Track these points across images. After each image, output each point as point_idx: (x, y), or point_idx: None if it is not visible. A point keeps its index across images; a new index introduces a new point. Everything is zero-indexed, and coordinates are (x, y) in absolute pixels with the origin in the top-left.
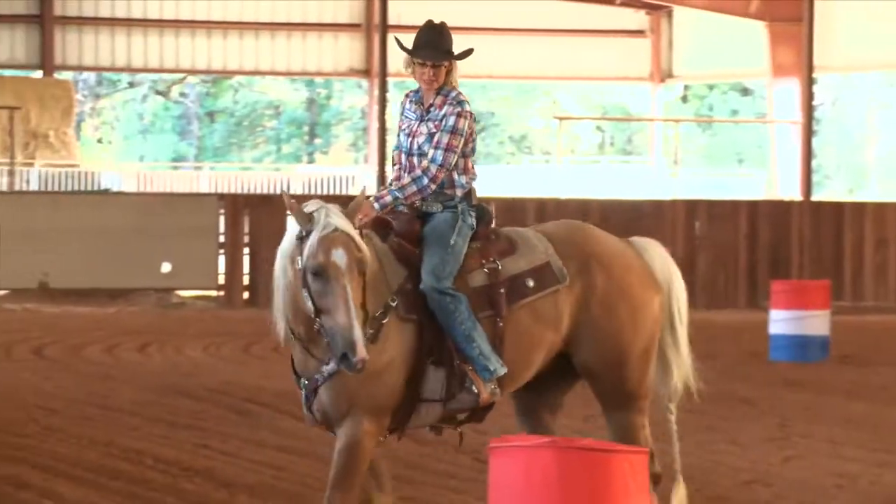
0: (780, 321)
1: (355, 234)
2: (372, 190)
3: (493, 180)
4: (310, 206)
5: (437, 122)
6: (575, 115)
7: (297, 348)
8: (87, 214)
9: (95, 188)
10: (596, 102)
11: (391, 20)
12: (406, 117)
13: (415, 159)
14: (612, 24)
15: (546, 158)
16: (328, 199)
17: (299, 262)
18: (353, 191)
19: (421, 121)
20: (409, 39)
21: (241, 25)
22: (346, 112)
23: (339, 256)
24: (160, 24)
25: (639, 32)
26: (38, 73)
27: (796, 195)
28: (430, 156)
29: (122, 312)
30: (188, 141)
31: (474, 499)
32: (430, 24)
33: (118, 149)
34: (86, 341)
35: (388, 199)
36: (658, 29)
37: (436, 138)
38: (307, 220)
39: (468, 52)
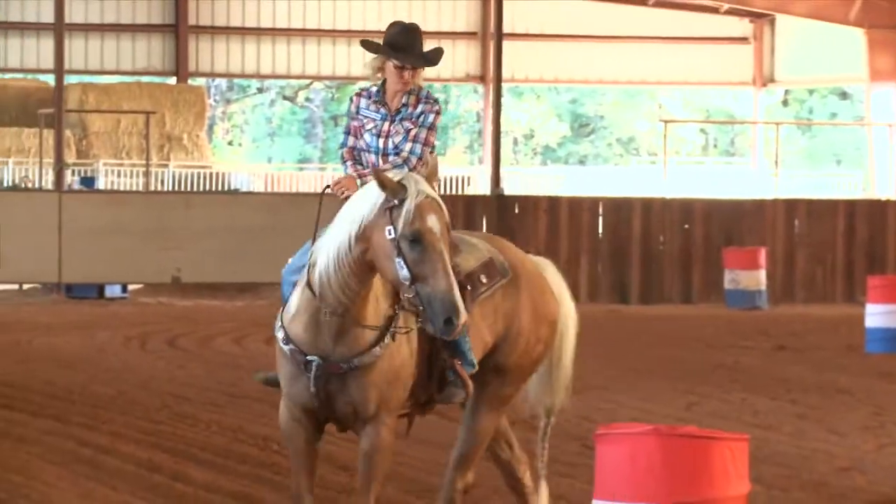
0: (877, 315)
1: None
2: (484, 189)
3: (601, 181)
4: (394, 175)
5: (414, 120)
6: (680, 118)
7: (319, 326)
8: (217, 213)
9: (226, 188)
10: (700, 106)
11: (505, 28)
12: (367, 117)
13: (390, 159)
14: (717, 31)
15: (652, 160)
16: (446, 199)
17: (390, 232)
18: (469, 190)
19: (391, 121)
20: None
21: (363, 34)
22: (462, 116)
23: (433, 222)
24: (287, 32)
25: (742, 39)
26: (173, 80)
27: (892, 195)
28: (408, 149)
29: (250, 305)
30: (313, 143)
31: (582, 482)
32: (404, 25)
33: (247, 151)
34: (216, 332)
35: None
36: (761, 36)
37: (414, 133)
38: (399, 189)
39: (440, 53)
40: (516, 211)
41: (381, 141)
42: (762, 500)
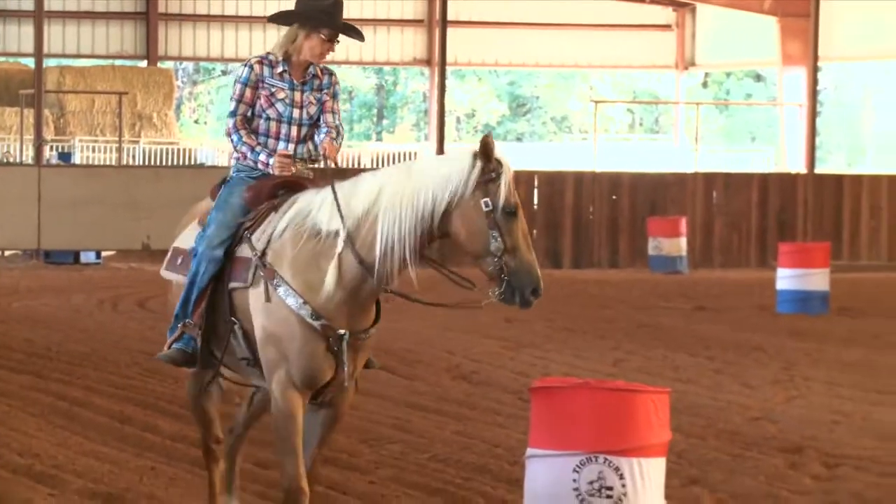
0: (786, 278)
1: None
2: None
3: (537, 156)
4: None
5: (327, 91)
6: (609, 98)
7: (354, 299)
8: (184, 185)
9: (192, 162)
10: (627, 87)
11: (450, 16)
12: (275, 86)
13: (304, 129)
14: (642, 19)
15: (583, 137)
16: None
17: (486, 204)
18: None
19: (300, 91)
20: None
21: None
22: (410, 96)
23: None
24: (249, 19)
25: (666, 26)
26: (144, 63)
27: (801, 169)
28: (333, 120)
29: None
30: None
31: (517, 433)
32: None
33: (212, 128)
34: None
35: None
36: (683, 23)
37: (330, 104)
38: (498, 163)
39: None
40: None
41: (297, 111)
42: (682, 447)
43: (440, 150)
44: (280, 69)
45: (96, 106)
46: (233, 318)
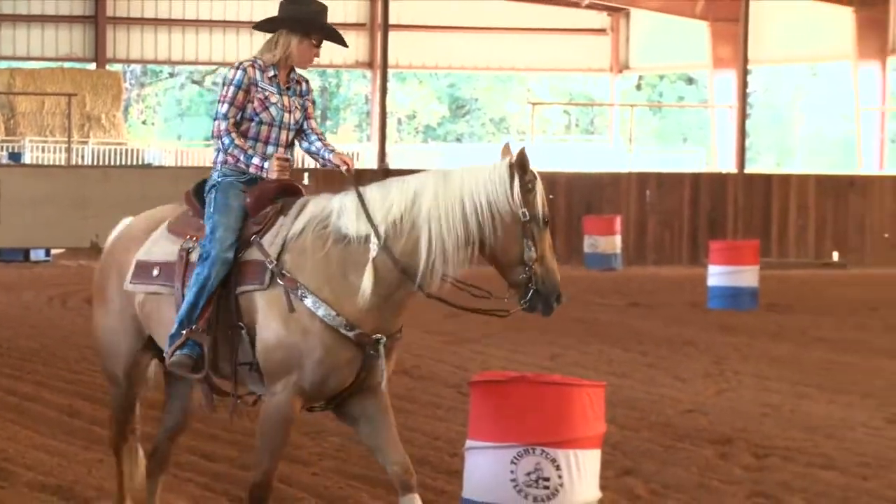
0: (717, 275)
1: None
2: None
3: (476, 157)
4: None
5: (308, 97)
6: (546, 100)
7: (388, 304)
8: (132, 185)
9: (140, 163)
10: (564, 90)
11: (391, 20)
12: (267, 90)
13: (291, 134)
14: (578, 23)
15: (521, 138)
16: (337, 173)
17: (525, 215)
18: (358, 165)
19: (287, 96)
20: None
21: None
22: (352, 98)
23: None
24: (196, 23)
25: (601, 31)
26: (93, 66)
27: (732, 168)
28: (317, 126)
29: None
30: None
31: (457, 425)
32: (316, 2)
33: (159, 129)
34: None
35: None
36: (617, 28)
37: (311, 110)
38: (533, 174)
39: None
40: None
41: (287, 115)
42: (616, 439)
43: (382, 151)
44: (271, 73)
45: (46, 107)
46: (239, 323)
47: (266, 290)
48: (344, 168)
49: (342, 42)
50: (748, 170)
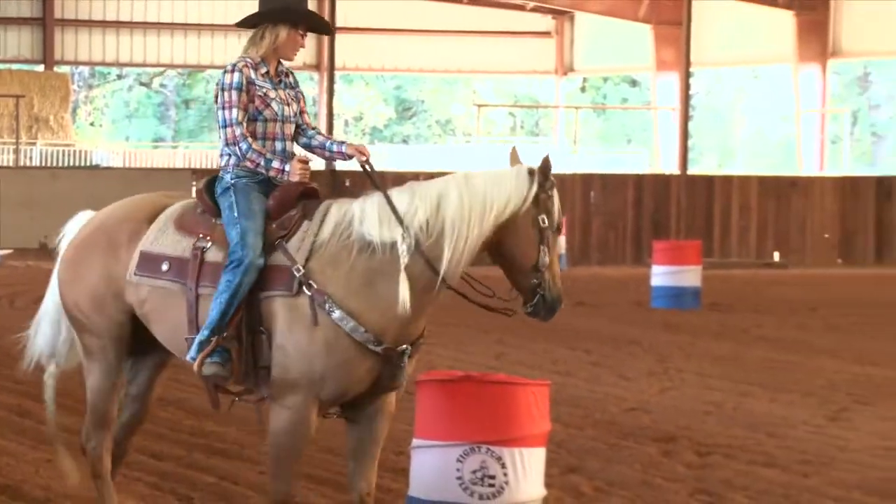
0: (660, 275)
1: None
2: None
3: (422, 158)
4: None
5: (297, 89)
6: (491, 102)
7: (420, 309)
8: (80, 186)
9: (88, 164)
10: (509, 92)
11: (338, 23)
12: (263, 86)
13: (291, 127)
14: (523, 26)
15: (467, 139)
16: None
17: (543, 221)
18: None
19: (281, 89)
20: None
21: (211, 27)
22: None
23: None
24: (144, 25)
25: (545, 33)
26: (41, 67)
27: (675, 170)
28: (311, 120)
29: None
30: (166, 124)
31: (404, 424)
32: None
33: (107, 131)
34: None
35: None
36: (562, 30)
37: (303, 104)
38: (551, 182)
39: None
40: (347, 184)
41: (287, 108)
42: (561, 437)
43: None
44: (263, 70)
45: None
46: (261, 328)
47: (291, 297)
48: (363, 159)
49: (327, 29)
50: (691, 171)
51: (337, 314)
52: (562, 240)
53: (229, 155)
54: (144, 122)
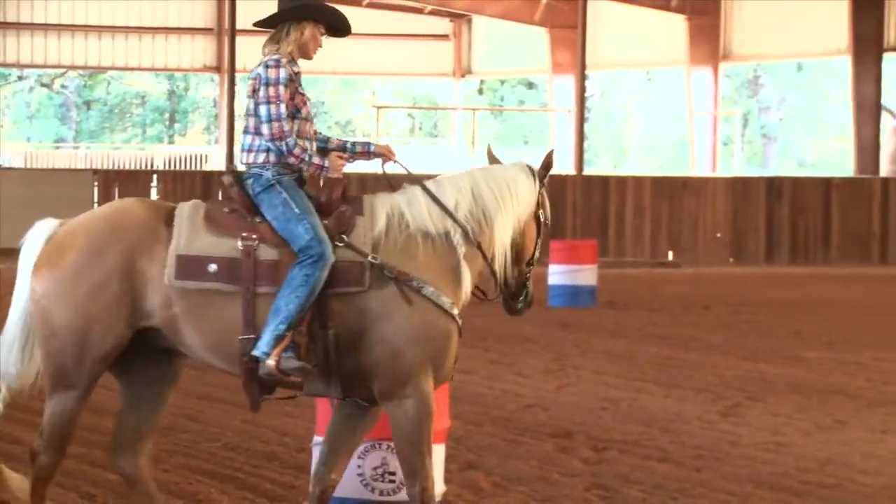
0: (557, 274)
1: None
2: (220, 166)
3: None
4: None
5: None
6: (391, 104)
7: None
8: None
9: None
10: (408, 94)
11: (239, 25)
12: (299, 84)
13: (314, 128)
14: (422, 29)
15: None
16: (187, 174)
17: (542, 216)
18: (207, 166)
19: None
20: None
21: (112, 29)
22: (200, 101)
23: None
24: (45, 27)
25: (444, 36)
26: None
27: (571, 170)
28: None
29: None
30: (68, 125)
31: (305, 421)
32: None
33: (8, 131)
34: None
35: None
36: (460, 33)
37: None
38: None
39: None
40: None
41: (310, 108)
42: (460, 433)
43: (230, 153)
44: (296, 68)
45: None
46: (329, 324)
47: (369, 291)
48: (392, 159)
49: (348, 28)
50: (586, 171)
51: (428, 290)
52: None
53: (267, 150)
54: (45, 123)
